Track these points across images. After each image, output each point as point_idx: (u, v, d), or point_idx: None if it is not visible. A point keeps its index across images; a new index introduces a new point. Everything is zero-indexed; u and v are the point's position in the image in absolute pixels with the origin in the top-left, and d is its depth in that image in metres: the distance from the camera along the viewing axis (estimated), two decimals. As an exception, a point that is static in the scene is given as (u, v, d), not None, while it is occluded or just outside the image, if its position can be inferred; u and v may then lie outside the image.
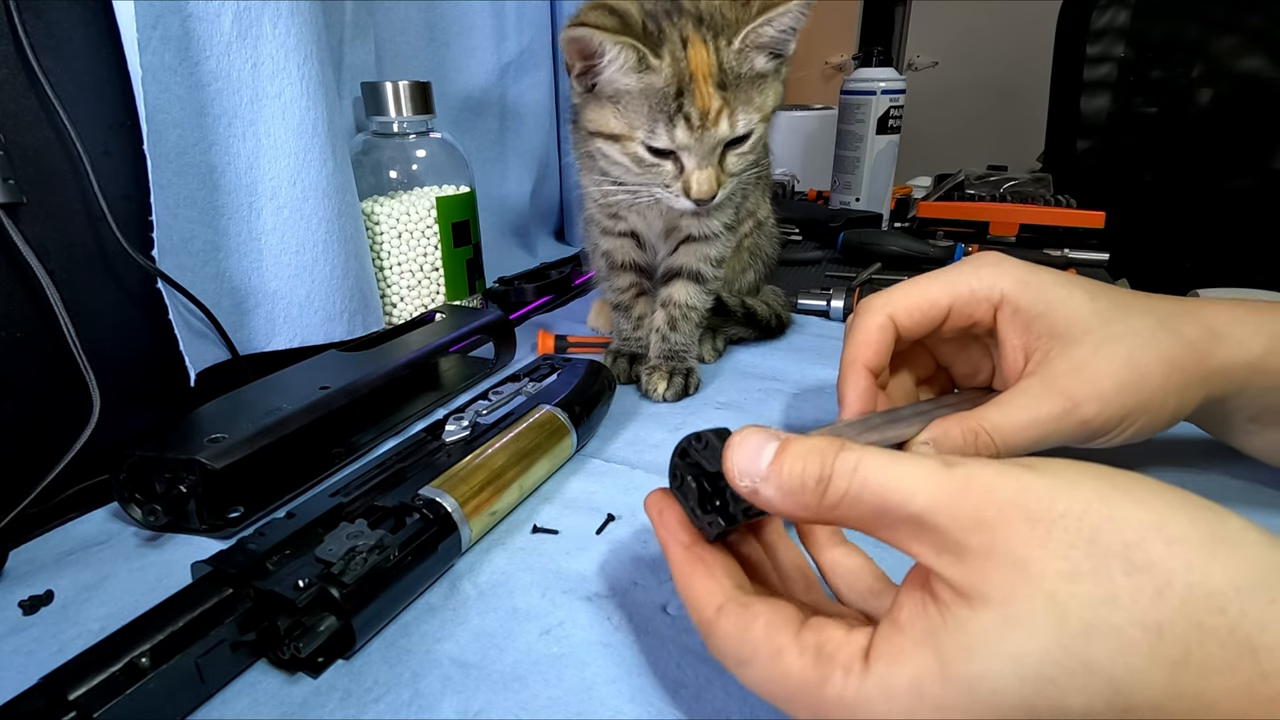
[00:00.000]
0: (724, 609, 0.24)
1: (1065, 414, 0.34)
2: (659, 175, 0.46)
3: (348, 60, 0.68)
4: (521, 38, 0.91)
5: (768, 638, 0.23)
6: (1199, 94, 1.23)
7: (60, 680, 0.25)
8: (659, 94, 0.43)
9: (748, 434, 0.24)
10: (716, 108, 0.43)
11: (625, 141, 0.46)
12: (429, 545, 0.35)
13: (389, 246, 0.66)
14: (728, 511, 0.26)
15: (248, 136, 0.52)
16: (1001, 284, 0.37)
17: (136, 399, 0.49)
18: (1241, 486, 0.42)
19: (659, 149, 0.45)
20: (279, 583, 0.30)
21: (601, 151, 0.49)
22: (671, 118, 0.43)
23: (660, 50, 0.42)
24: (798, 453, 0.22)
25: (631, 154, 0.46)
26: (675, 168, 0.46)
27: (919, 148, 1.74)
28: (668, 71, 0.42)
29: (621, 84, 0.43)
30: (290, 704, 0.29)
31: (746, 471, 0.23)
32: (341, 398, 0.47)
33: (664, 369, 0.57)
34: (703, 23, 0.43)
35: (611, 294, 0.63)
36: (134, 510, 0.40)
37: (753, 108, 0.45)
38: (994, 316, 0.37)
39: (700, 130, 0.43)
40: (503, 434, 0.42)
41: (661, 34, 0.42)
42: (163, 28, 0.47)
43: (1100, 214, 0.95)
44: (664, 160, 0.45)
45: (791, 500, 0.22)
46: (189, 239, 0.51)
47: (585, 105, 0.47)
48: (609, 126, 0.46)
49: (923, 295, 0.38)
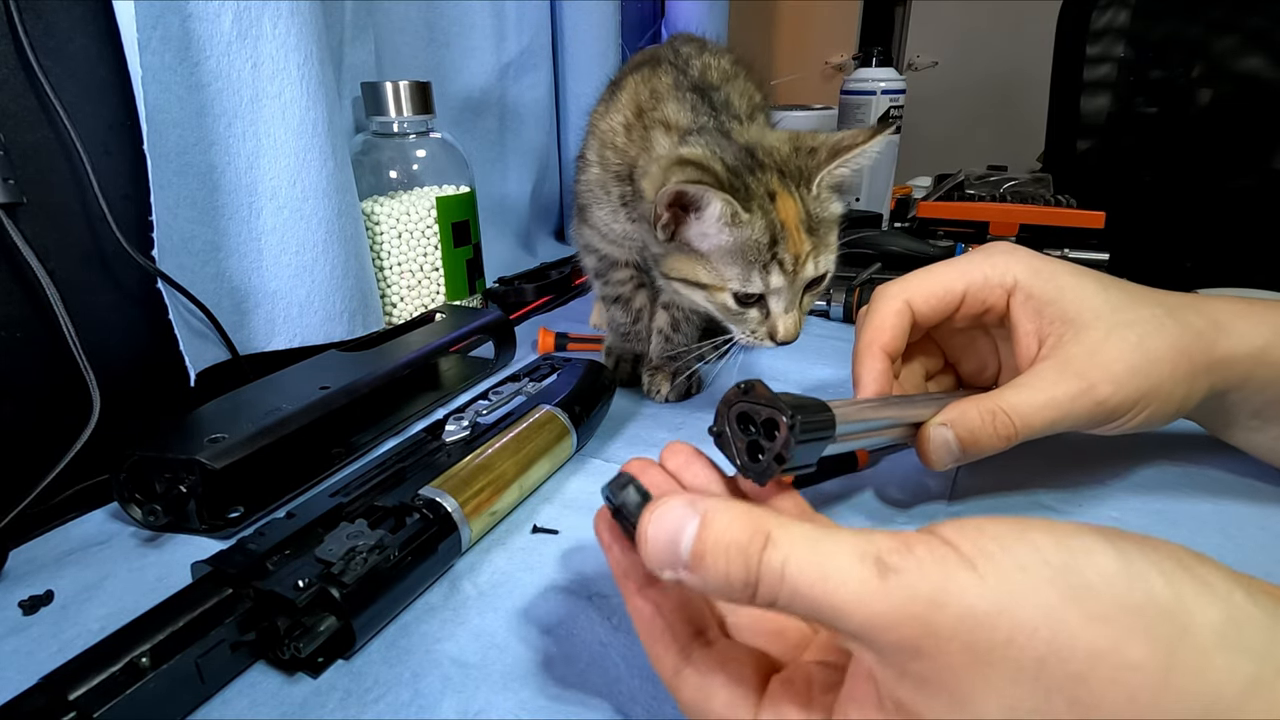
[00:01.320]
0: (682, 675, 0.23)
1: (1081, 394, 0.34)
2: (744, 322, 0.46)
3: (348, 60, 0.68)
4: (521, 38, 0.91)
5: (729, 711, 0.22)
6: (1199, 94, 1.23)
7: (60, 680, 0.26)
8: (753, 246, 0.42)
9: (663, 512, 0.21)
10: (807, 251, 0.43)
11: (714, 291, 0.45)
12: (429, 545, 0.35)
13: (389, 246, 0.66)
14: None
15: (248, 136, 0.52)
16: (1015, 270, 0.38)
17: (136, 399, 0.49)
18: (1239, 483, 0.42)
19: (748, 296, 0.45)
20: (279, 583, 0.30)
21: (678, 291, 0.48)
22: (766, 266, 0.43)
23: (750, 205, 0.42)
24: (719, 547, 0.20)
25: (719, 303, 0.46)
26: (760, 313, 0.45)
27: (919, 148, 1.73)
28: (760, 224, 0.42)
29: (713, 238, 0.43)
30: (290, 704, 0.29)
31: (666, 563, 0.21)
32: (341, 398, 0.47)
33: (667, 370, 0.57)
34: (784, 174, 0.44)
35: (608, 288, 0.61)
36: (134, 510, 0.40)
37: (831, 249, 0.46)
38: (1007, 303, 0.38)
39: (792, 274, 0.43)
40: (503, 434, 0.42)
41: (748, 189, 0.43)
42: (163, 28, 0.47)
43: (1100, 214, 0.95)
44: (750, 309, 0.45)
45: (723, 596, 0.20)
46: (189, 239, 0.51)
47: (668, 255, 0.47)
48: (697, 277, 0.46)
49: (938, 281, 0.39)
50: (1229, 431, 0.41)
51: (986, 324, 0.41)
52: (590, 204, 0.56)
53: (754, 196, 0.42)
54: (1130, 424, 0.36)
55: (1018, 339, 0.38)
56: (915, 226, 1.08)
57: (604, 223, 0.56)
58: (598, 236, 0.58)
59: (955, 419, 0.36)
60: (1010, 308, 0.38)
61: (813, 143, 0.45)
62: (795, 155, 0.45)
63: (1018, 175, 1.17)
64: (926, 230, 1.06)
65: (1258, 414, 0.38)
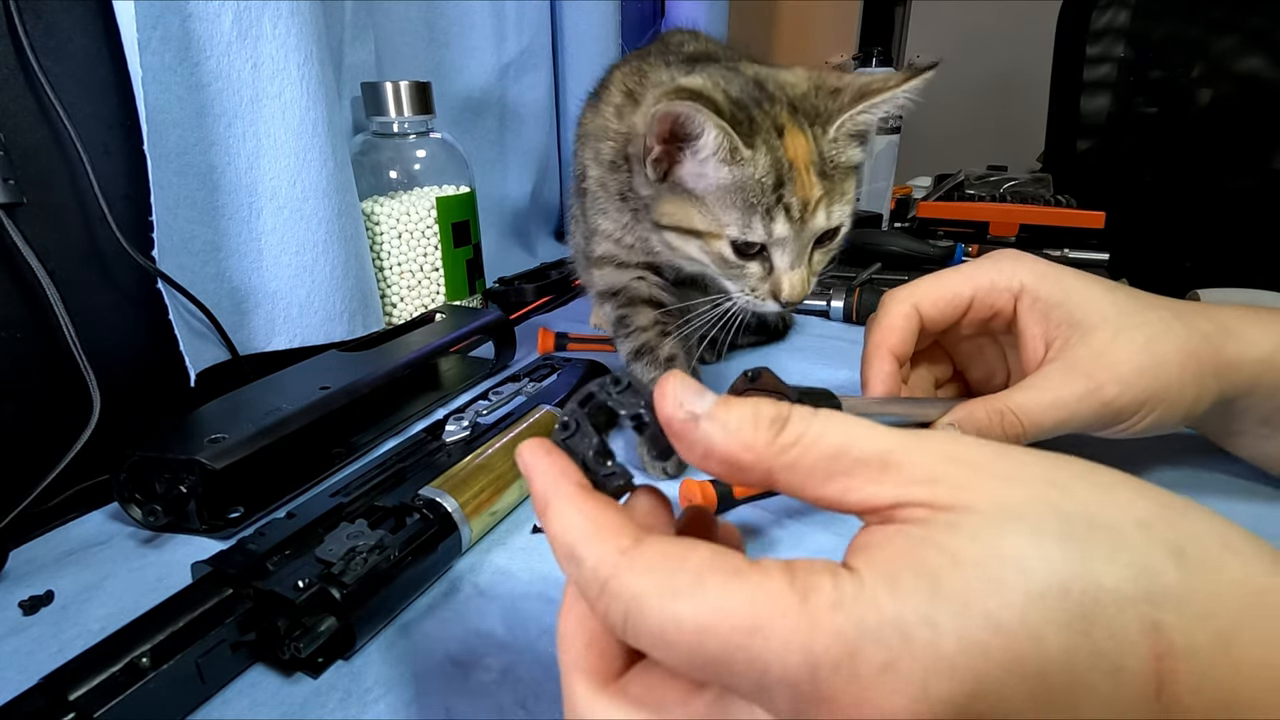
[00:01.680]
0: (645, 540, 0.18)
1: (1088, 394, 0.34)
2: (744, 278, 0.42)
3: (348, 60, 0.68)
4: (521, 38, 0.91)
5: (714, 562, 0.17)
6: (1199, 94, 1.23)
7: (60, 680, 0.26)
8: (755, 186, 0.38)
9: (683, 377, 0.20)
10: (817, 197, 0.39)
11: (710, 239, 0.41)
12: (429, 545, 0.35)
13: (389, 247, 0.66)
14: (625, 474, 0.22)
15: (248, 137, 0.52)
16: (1021, 275, 0.38)
17: (136, 399, 0.49)
18: (1240, 487, 0.42)
19: (748, 245, 0.40)
20: (279, 583, 0.30)
21: (670, 244, 0.43)
22: (770, 210, 0.38)
23: (754, 139, 0.38)
24: (748, 399, 0.20)
25: (715, 253, 0.41)
26: (763, 268, 0.41)
27: (919, 148, 1.73)
28: (764, 161, 0.38)
29: (710, 177, 0.39)
30: (290, 704, 0.29)
31: (686, 400, 0.20)
32: (341, 398, 0.47)
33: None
34: (797, 110, 0.40)
35: (629, 340, 0.51)
36: (134, 510, 0.40)
37: (846, 199, 0.41)
38: (1014, 308, 0.38)
39: (799, 222, 0.39)
40: (503, 434, 0.42)
41: (753, 123, 0.38)
42: (163, 28, 0.47)
43: (1100, 214, 0.95)
44: (750, 261, 0.41)
45: (735, 439, 0.19)
46: (189, 239, 0.51)
47: (659, 199, 0.42)
48: (691, 222, 0.41)
49: (946, 286, 0.39)
50: (1237, 440, 0.41)
51: (994, 330, 0.41)
52: (596, 219, 0.51)
53: (759, 130, 0.38)
54: (1138, 426, 0.36)
55: (1024, 343, 0.38)
56: (915, 226, 1.08)
57: (613, 234, 0.51)
58: (610, 269, 0.53)
59: (963, 419, 0.36)
60: (1017, 312, 0.38)
61: (837, 83, 0.41)
62: (814, 94, 0.41)
63: (1018, 175, 1.17)
64: (926, 230, 1.06)
65: (1266, 421, 0.38)
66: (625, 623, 0.17)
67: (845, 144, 0.41)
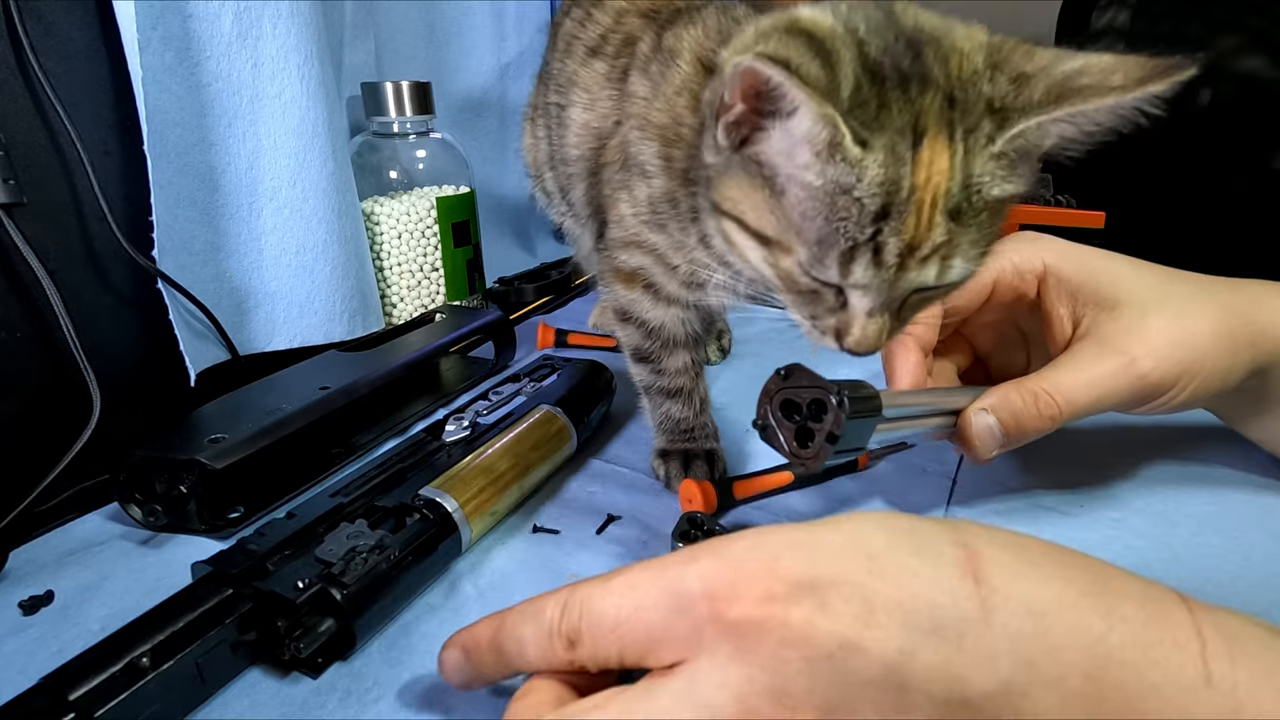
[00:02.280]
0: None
1: (1123, 369, 0.34)
2: (808, 304, 0.32)
3: (348, 60, 0.68)
4: (521, 38, 0.91)
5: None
6: (1199, 94, 1.23)
7: (60, 680, 0.25)
8: (848, 205, 0.27)
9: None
10: (933, 246, 0.28)
11: (776, 251, 0.31)
12: (429, 545, 0.35)
13: (389, 247, 0.66)
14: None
15: (248, 137, 0.52)
16: (1043, 256, 0.37)
17: (136, 399, 0.49)
18: (1243, 479, 0.42)
19: (820, 280, 0.31)
20: (279, 583, 0.30)
21: (728, 236, 0.33)
22: (855, 249, 0.28)
23: (873, 137, 0.27)
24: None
25: (780, 269, 0.31)
26: (835, 299, 0.31)
27: (919, 148, 1.73)
28: (875, 173, 0.26)
29: (797, 172, 0.28)
30: (290, 704, 0.29)
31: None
32: (341, 398, 0.47)
33: None
34: (953, 104, 0.27)
35: (661, 379, 0.45)
36: (134, 510, 0.40)
37: (979, 251, 0.29)
38: (1037, 290, 0.37)
39: (893, 272, 0.28)
40: (503, 434, 0.42)
41: (883, 109, 0.27)
42: (163, 28, 0.47)
43: (1100, 214, 0.95)
44: (825, 289, 0.31)
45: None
46: (189, 239, 0.51)
47: (725, 174, 0.32)
48: (758, 220, 0.31)
49: None
50: (1263, 421, 0.40)
51: (1017, 315, 0.40)
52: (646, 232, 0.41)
53: (887, 124, 0.27)
54: (1175, 401, 0.35)
55: (1051, 323, 0.37)
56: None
57: (659, 248, 0.41)
58: (648, 299, 0.43)
59: (997, 403, 0.35)
60: (1042, 293, 0.37)
61: (1027, 65, 0.28)
62: (989, 76, 0.28)
63: (1018, 175, 1.16)
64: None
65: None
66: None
67: (1007, 168, 0.28)
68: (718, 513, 0.41)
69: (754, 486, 0.42)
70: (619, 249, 0.43)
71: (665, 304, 0.43)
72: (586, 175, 0.46)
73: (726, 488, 0.41)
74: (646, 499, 0.43)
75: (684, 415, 0.45)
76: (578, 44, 0.47)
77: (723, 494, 0.41)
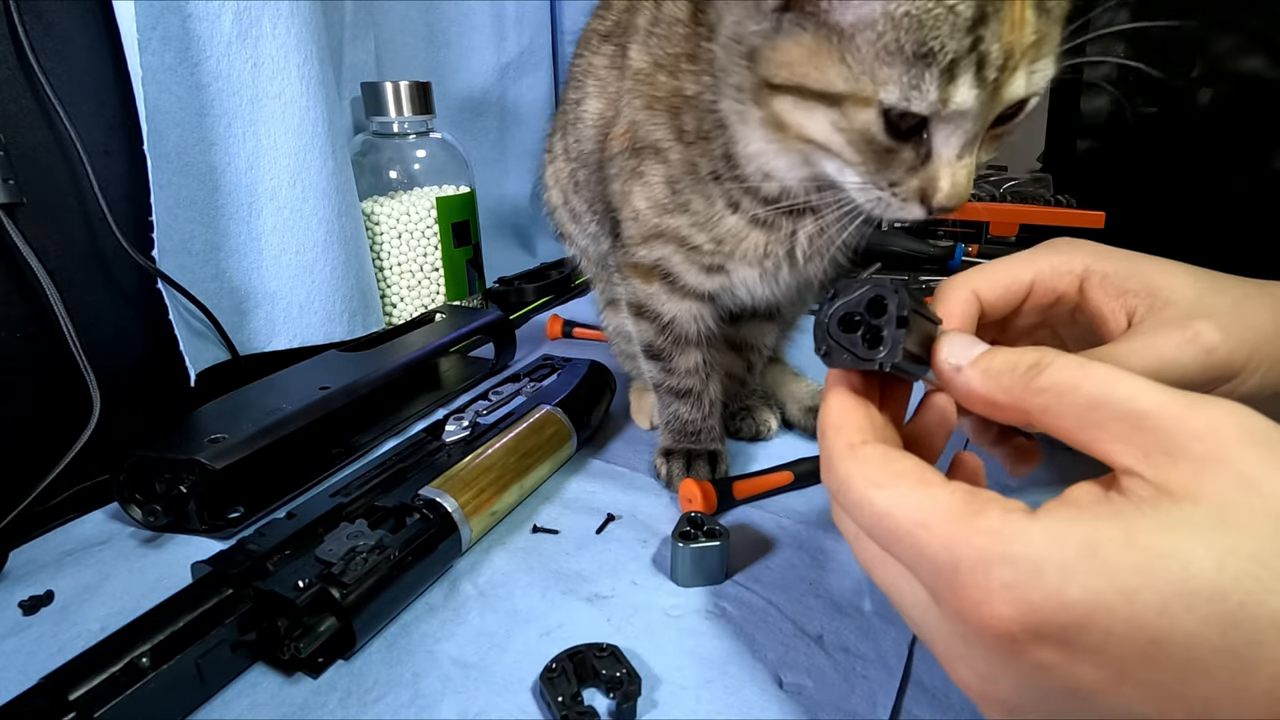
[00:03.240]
0: (871, 442, 0.24)
1: (1187, 342, 0.31)
2: (886, 168, 0.30)
3: (348, 60, 0.68)
4: (521, 38, 0.91)
5: (917, 471, 0.22)
6: (1199, 94, 1.23)
7: (60, 680, 0.26)
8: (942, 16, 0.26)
9: (958, 332, 0.25)
10: (1025, 46, 0.27)
11: (852, 106, 0.29)
12: (429, 545, 0.35)
13: (389, 246, 0.66)
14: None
15: (248, 137, 0.52)
16: (1083, 257, 0.35)
17: (136, 399, 0.49)
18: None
19: (907, 117, 0.28)
20: (279, 583, 0.30)
21: (781, 119, 0.31)
22: (956, 64, 0.26)
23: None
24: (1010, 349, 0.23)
25: (854, 129, 0.29)
26: (915, 155, 0.30)
27: (919, 148, 1.73)
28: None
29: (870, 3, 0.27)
30: (290, 704, 0.29)
31: (954, 354, 0.24)
32: (341, 398, 0.47)
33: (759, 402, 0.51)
34: None
35: (671, 378, 0.45)
36: (134, 510, 0.40)
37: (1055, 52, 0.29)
38: (1079, 291, 0.35)
39: (992, 87, 0.27)
40: (503, 434, 0.42)
41: None
42: (163, 28, 0.47)
43: (1100, 214, 0.95)
44: (904, 145, 0.29)
45: (994, 383, 0.23)
46: (189, 239, 0.51)
47: (775, 39, 0.30)
48: (825, 79, 0.29)
49: (1005, 271, 0.36)
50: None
51: (1056, 321, 0.37)
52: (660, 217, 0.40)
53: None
54: (1248, 383, 0.32)
55: (1103, 319, 0.34)
56: (915, 226, 1.08)
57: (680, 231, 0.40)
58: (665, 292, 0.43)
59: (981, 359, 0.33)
60: (1086, 293, 0.35)
61: None
62: None
63: (1018, 175, 1.17)
64: (926, 230, 1.06)
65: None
66: (837, 492, 0.24)
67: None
68: (718, 512, 0.41)
69: (754, 486, 0.42)
70: (637, 246, 0.42)
71: (681, 296, 0.43)
72: (595, 169, 0.45)
73: (726, 488, 0.41)
74: (646, 499, 0.43)
75: (692, 417, 0.45)
76: (594, 35, 0.47)
77: (723, 494, 0.41)
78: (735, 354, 0.50)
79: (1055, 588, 0.19)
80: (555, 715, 0.27)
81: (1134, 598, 0.18)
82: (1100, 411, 0.21)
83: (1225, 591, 0.18)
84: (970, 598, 0.20)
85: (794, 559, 0.37)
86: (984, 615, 0.19)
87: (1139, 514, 0.19)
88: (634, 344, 0.46)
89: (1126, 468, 0.20)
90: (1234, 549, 0.18)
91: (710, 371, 0.46)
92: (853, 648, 0.31)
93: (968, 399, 0.24)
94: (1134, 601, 0.18)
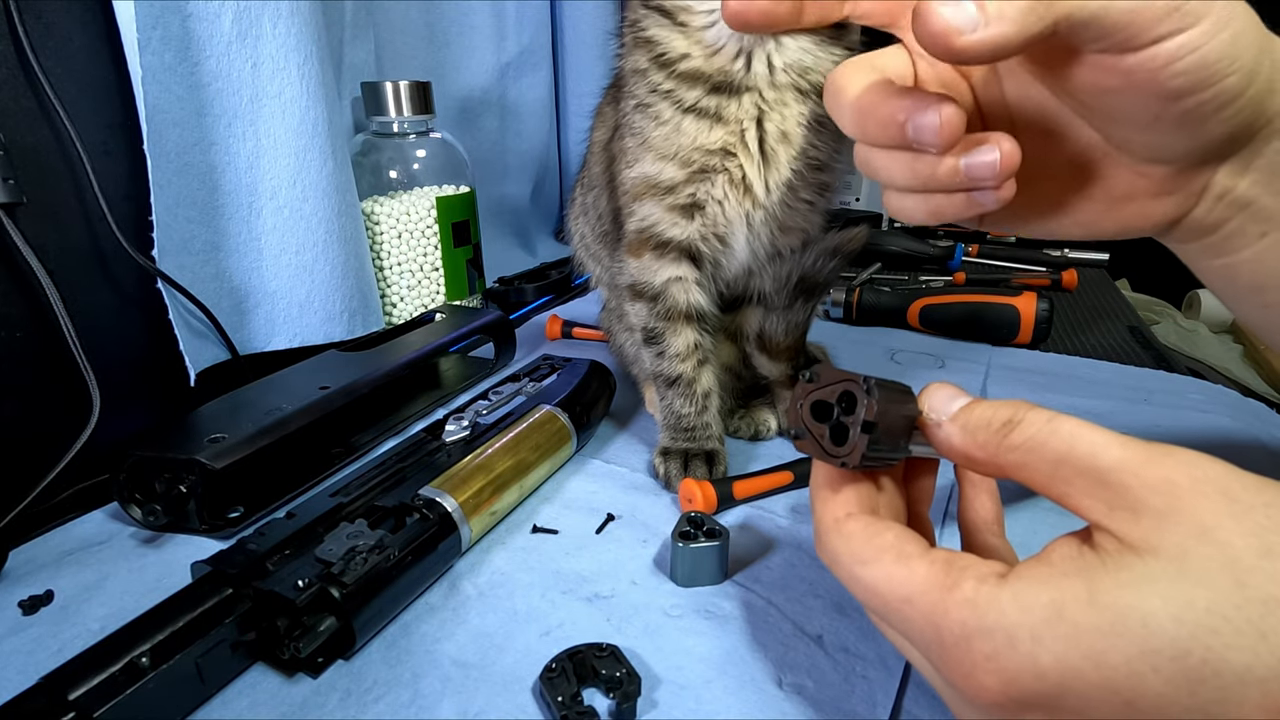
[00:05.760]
0: (855, 515, 0.25)
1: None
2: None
3: (348, 60, 0.69)
4: (521, 38, 0.91)
5: (897, 544, 0.23)
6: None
7: (60, 680, 0.25)
8: None
9: (942, 385, 0.25)
10: None
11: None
12: (429, 545, 0.35)
13: (389, 246, 0.66)
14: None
15: (248, 136, 0.52)
16: None
17: (136, 399, 0.49)
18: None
19: None
20: (279, 583, 0.30)
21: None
22: None
23: None
24: (988, 403, 0.24)
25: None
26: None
27: (919, 148, 1.73)
28: None
29: None
30: (290, 704, 0.29)
31: (935, 407, 0.25)
32: (341, 398, 0.47)
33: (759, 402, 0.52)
34: None
35: (662, 363, 0.46)
36: (134, 510, 0.40)
37: None
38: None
39: None
40: (503, 434, 0.42)
41: None
42: (163, 28, 0.47)
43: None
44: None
45: (970, 439, 0.23)
46: (189, 239, 0.51)
47: None
48: None
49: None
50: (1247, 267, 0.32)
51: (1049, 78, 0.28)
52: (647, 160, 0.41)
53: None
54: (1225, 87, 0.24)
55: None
56: (915, 226, 1.08)
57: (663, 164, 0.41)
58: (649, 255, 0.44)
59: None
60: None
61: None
62: None
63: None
64: (926, 230, 1.06)
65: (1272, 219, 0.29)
66: (830, 566, 0.25)
67: None
68: (717, 512, 0.41)
69: (754, 486, 0.42)
70: (632, 218, 0.44)
71: (669, 261, 0.44)
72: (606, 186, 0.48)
73: (726, 487, 0.41)
74: (646, 499, 0.43)
75: (685, 411, 0.46)
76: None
77: (722, 493, 0.41)
78: (731, 343, 0.51)
79: (1029, 657, 0.19)
80: (555, 715, 0.27)
81: (1101, 660, 0.18)
82: (1066, 468, 0.21)
83: (1187, 649, 0.18)
84: (958, 670, 0.21)
85: (794, 559, 0.37)
86: (973, 686, 0.20)
87: (1103, 570, 0.19)
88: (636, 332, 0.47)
89: (1095, 523, 0.21)
90: (1191, 601, 0.18)
91: (703, 359, 0.46)
92: (853, 648, 0.31)
93: (948, 453, 0.25)
94: (1101, 665, 0.18)
